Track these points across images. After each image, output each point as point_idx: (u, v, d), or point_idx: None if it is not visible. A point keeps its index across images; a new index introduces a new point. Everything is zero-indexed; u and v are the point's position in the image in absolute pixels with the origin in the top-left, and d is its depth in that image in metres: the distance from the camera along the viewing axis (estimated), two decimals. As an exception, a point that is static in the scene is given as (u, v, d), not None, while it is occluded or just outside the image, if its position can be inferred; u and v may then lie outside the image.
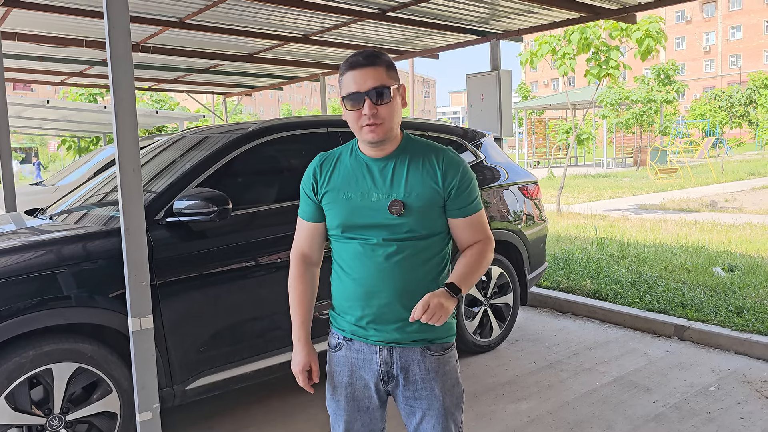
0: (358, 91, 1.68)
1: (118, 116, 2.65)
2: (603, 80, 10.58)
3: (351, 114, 1.71)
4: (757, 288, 5.34)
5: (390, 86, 1.70)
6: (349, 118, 1.73)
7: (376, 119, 1.69)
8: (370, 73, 1.68)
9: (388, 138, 1.74)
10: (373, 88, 1.68)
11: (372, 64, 1.69)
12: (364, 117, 1.69)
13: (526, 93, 34.28)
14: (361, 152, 1.80)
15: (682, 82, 31.52)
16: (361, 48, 8.14)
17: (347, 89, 1.70)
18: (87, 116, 13.36)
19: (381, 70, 1.70)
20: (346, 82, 1.71)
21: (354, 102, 1.69)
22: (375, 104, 1.68)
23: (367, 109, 1.68)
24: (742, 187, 15.22)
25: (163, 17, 6.42)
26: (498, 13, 6.52)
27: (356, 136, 1.77)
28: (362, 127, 1.71)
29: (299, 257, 1.91)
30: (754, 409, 3.46)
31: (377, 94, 1.68)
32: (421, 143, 1.82)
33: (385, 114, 1.70)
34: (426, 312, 1.59)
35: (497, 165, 4.72)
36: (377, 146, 1.75)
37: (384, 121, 1.70)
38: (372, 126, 1.69)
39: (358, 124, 1.71)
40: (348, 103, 1.70)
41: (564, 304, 5.50)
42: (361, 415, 1.84)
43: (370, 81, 1.68)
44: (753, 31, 62.42)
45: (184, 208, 3.05)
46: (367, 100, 1.68)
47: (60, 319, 2.72)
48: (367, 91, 1.68)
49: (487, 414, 3.47)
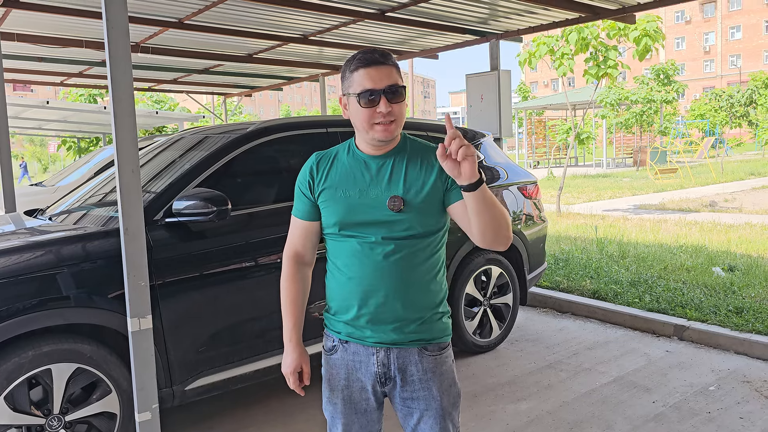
0: (374, 89, 1.67)
1: (117, 117, 2.65)
2: (602, 80, 10.58)
3: (364, 111, 1.69)
4: (757, 288, 5.34)
5: (403, 85, 1.71)
6: (360, 115, 1.70)
7: (390, 117, 1.68)
8: (386, 72, 1.68)
9: (396, 137, 1.75)
10: (389, 86, 1.67)
11: (387, 63, 1.70)
12: (378, 115, 1.68)
13: (526, 93, 34.28)
14: (359, 150, 1.79)
15: (681, 82, 31.53)
16: (361, 48, 8.13)
17: (361, 87, 1.68)
18: (87, 117, 13.37)
19: (393, 69, 1.71)
20: (358, 79, 1.68)
21: (369, 99, 1.67)
22: (390, 102, 1.68)
23: (383, 107, 1.67)
24: (742, 187, 15.22)
25: (163, 18, 6.42)
26: (497, 13, 6.52)
27: (362, 133, 1.74)
28: (374, 125, 1.69)
29: (292, 256, 1.90)
30: (753, 408, 3.46)
31: (393, 93, 1.68)
32: (418, 143, 1.82)
33: (398, 113, 1.70)
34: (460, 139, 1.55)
35: (497, 165, 4.72)
36: (383, 144, 1.75)
37: (397, 118, 1.70)
38: (386, 125, 1.69)
39: (371, 121, 1.69)
40: (362, 101, 1.68)
41: (564, 304, 5.50)
42: (358, 417, 1.84)
43: (386, 79, 1.67)
44: (753, 31, 62.44)
45: (183, 208, 3.04)
46: (383, 98, 1.67)
47: (59, 320, 2.72)
48: (384, 89, 1.67)
49: (487, 414, 3.47)
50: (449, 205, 1.75)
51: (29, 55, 8.06)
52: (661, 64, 30.47)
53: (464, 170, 1.55)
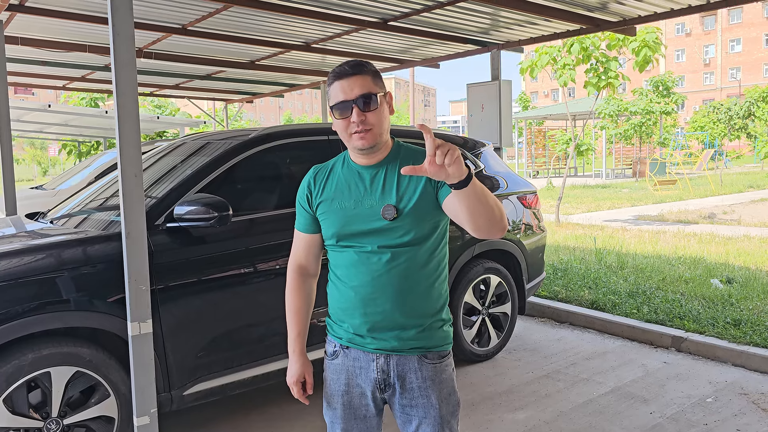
0: (345, 100, 1.70)
1: (120, 121, 2.67)
2: (602, 91, 10.62)
3: (340, 123, 1.73)
4: (755, 300, 5.35)
5: (377, 93, 1.72)
6: (339, 127, 1.74)
7: (364, 125, 1.70)
8: (357, 81, 1.70)
9: (378, 145, 1.75)
10: (361, 95, 1.69)
11: (358, 73, 1.71)
12: (352, 124, 1.70)
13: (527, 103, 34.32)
14: (353, 161, 1.82)
15: (680, 94, 31.62)
16: (363, 57, 8.18)
17: (335, 98, 1.72)
18: (88, 121, 13.39)
19: (367, 78, 1.72)
20: (333, 92, 1.72)
21: (342, 110, 1.70)
22: (363, 111, 1.69)
23: (356, 116, 1.69)
24: (741, 199, 15.24)
25: (166, 24, 6.45)
26: (499, 23, 6.56)
27: (346, 144, 1.77)
28: (351, 135, 1.72)
29: (296, 269, 1.93)
30: (750, 421, 3.47)
31: (365, 102, 1.70)
32: (411, 149, 1.84)
33: (374, 120, 1.71)
34: (443, 147, 1.45)
35: (497, 174, 4.74)
36: (367, 153, 1.76)
37: (373, 127, 1.71)
38: (361, 133, 1.71)
39: (348, 131, 1.72)
40: (336, 112, 1.72)
41: (562, 314, 5.50)
42: (357, 423, 1.85)
43: (357, 89, 1.70)
44: (752, 44, 62.69)
45: (184, 213, 3.06)
46: (355, 108, 1.69)
47: (59, 323, 2.73)
48: (355, 98, 1.69)
49: (484, 423, 3.47)
50: (443, 201, 1.72)
51: (32, 58, 8.09)
52: (660, 75, 30.57)
53: (451, 172, 1.48)
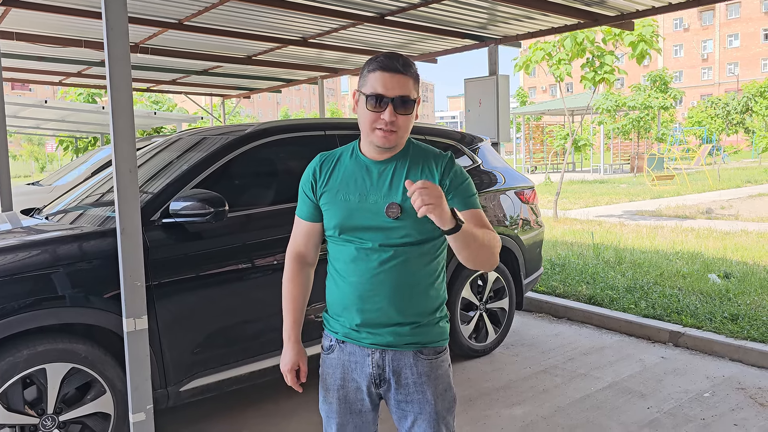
0: (384, 95, 1.65)
1: (115, 117, 2.65)
2: (599, 85, 10.60)
3: (368, 114, 1.68)
4: (752, 295, 5.35)
5: (414, 98, 1.70)
6: (365, 117, 1.69)
7: (392, 126, 1.67)
8: (401, 81, 1.66)
9: (396, 147, 1.74)
10: (400, 96, 1.66)
11: (405, 73, 1.67)
12: (381, 121, 1.67)
13: (524, 98, 34.37)
14: (362, 154, 1.79)
15: (678, 89, 31.62)
16: (360, 52, 8.15)
17: (372, 89, 1.66)
18: (85, 116, 13.36)
19: (410, 80, 1.69)
20: (372, 80, 1.67)
21: (376, 104, 1.66)
22: (396, 112, 1.66)
23: (388, 116, 1.66)
24: (738, 194, 15.26)
25: (162, 18, 6.41)
26: (496, 18, 6.54)
27: (364, 134, 1.73)
28: (375, 130, 1.69)
29: (295, 256, 1.91)
30: (748, 415, 3.47)
31: (402, 103, 1.67)
32: (422, 148, 1.81)
33: (402, 124, 1.69)
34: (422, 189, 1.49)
35: (494, 170, 4.73)
36: (383, 151, 1.74)
37: (399, 130, 1.69)
38: (387, 132, 1.68)
39: (373, 125, 1.68)
40: (370, 103, 1.67)
41: (560, 309, 5.50)
42: (353, 417, 1.84)
43: (398, 88, 1.66)
44: (750, 39, 62.69)
45: (180, 209, 3.04)
46: (390, 107, 1.65)
47: (54, 319, 2.72)
48: (393, 97, 1.66)
49: (482, 419, 3.47)
50: None
51: (28, 54, 8.04)
52: (657, 70, 30.57)
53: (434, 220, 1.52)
